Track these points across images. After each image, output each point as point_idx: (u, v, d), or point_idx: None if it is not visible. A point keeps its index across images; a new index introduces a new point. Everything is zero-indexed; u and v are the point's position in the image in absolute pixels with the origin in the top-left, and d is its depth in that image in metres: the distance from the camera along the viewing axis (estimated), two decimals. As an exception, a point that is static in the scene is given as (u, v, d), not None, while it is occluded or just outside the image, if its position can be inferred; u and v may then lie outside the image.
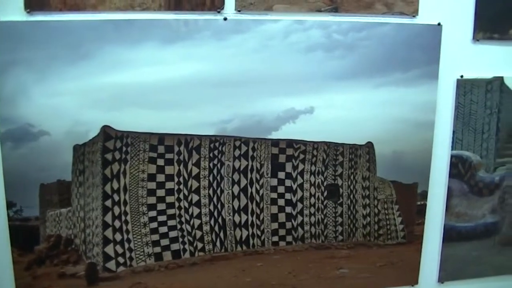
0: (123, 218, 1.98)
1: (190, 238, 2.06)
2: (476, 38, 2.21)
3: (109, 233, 1.97)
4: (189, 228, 2.06)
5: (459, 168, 2.30)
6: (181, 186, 2.02)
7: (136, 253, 2.00)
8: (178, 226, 2.04)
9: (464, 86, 2.23)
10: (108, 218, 1.96)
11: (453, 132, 2.26)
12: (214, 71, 1.97)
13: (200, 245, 2.08)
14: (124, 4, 1.89)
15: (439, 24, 2.15)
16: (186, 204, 2.04)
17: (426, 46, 2.15)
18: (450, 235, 2.35)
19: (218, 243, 2.09)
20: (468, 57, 2.24)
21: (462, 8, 2.19)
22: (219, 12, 1.95)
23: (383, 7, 2.10)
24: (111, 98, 1.91)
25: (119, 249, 1.99)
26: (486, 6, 2.19)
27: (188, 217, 2.05)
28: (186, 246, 2.06)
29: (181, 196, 2.03)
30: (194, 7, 1.94)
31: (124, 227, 1.98)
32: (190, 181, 2.04)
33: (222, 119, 2.01)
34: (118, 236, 1.98)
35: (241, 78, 2.00)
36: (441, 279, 2.40)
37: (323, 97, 2.09)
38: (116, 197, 1.97)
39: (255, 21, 1.99)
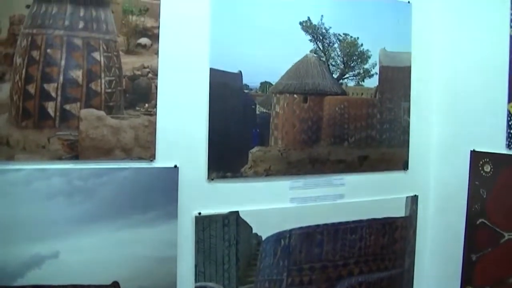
0: None
1: None
2: (210, 177, 2.44)
3: None
4: None
5: (204, 299, 2.45)
6: None
7: None
8: None
9: (203, 222, 2.42)
10: None
11: (196, 265, 2.42)
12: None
13: None
14: None
15: (175, 166, 2.36)
16: None
17: (165, 188, 2.33)
18: None
19: None
20: (204, 195, 2.44)
21: (196, 151, 2.43)
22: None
23: (122, 153, 2.27)
24: None
25: None
26: (217, 149, 2.45)
27: None
28: None
29: None
30: None
31: None
32: None
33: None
34: None
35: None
36: None
37: (68, 241, 2.16)
38: None
39: (-4, 170, 2.05)
